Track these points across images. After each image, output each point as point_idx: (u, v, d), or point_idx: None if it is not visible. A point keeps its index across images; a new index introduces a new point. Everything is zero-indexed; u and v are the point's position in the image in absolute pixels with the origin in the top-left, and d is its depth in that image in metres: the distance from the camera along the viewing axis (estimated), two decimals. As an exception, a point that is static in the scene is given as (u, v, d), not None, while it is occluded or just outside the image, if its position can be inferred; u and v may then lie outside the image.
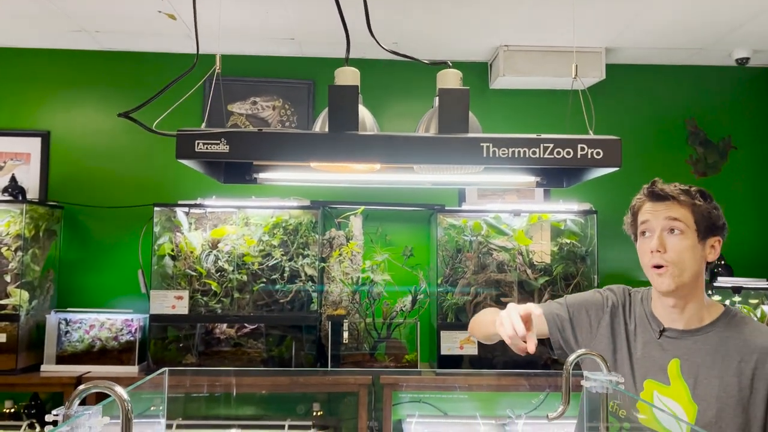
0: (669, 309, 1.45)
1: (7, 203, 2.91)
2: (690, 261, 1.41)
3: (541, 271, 2.98)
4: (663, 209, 1.45)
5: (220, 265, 2.92)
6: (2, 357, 2.77)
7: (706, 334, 1.41)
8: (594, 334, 1.51)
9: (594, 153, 1.04)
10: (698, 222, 1.43)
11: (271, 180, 1.28)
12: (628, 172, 3.27)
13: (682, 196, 1.45)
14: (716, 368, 1.35)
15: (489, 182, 1.32)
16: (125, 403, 0.92)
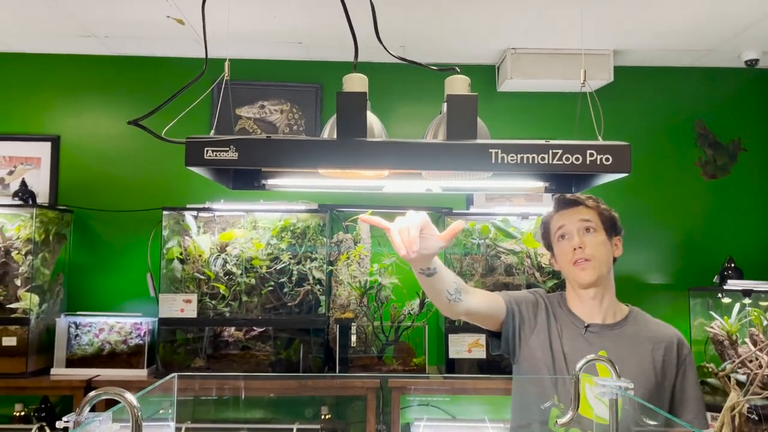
0: (590, 302, 1.61)
1: (17, 207, 2.93)
2: (604, 255, 1.62)
3: (549, 274, 2.97)
4: (575, 213, 1.63)
5: (228, 268, 2.93)
6: (13, 360, 2.79)
7: (622, 327, 1.61)
8: (533, 330, 1.61)
9: (603, 159, 1.03)
10: (604, 222, 1.66)
11: (280, 186, 1.28)
12: (637, 174, 3.26)
13: (589, 201, 1.67)
14: (635, 357, 1.54)
15: (497, 188, 1.32)
16: (135, 410, 0.92)
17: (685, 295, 3.13)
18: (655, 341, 1.58)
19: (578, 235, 1.60)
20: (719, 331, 2.89)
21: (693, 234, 3.29)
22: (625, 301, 3.22)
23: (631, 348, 1.55)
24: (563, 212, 1.65)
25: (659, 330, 1.62)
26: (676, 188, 3.31)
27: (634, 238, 3.27)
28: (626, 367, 1.48)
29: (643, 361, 1.54)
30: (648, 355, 1.55)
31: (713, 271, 3.11)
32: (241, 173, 1.25)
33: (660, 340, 1.59)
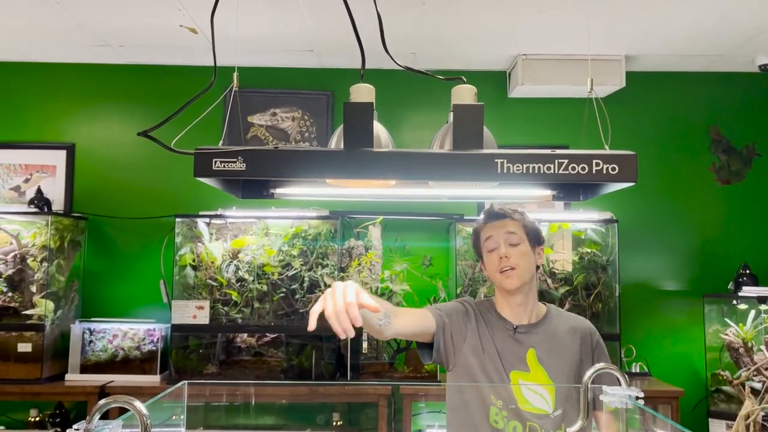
0: (516, 307, 1.76)
1: (33, 215, 2.97)
2: (527, 264, 1.75)
3: (561, 281, 2.96)
4: (502, 226, 1.78)
5: (240, 275, 2.94)
6: (28, 366, 2.82)
7: (544, 325, 1.77)
8: (464, 338, 1.74)
9: (609, 168, 1.03)
10: (528, 234, 1.79)
11: (288, 195, 1.29)
12: (650, 180, 3.27)
13: (515, 215, 1.82)
14: (558, 350, 1.73)
15: (504, 196, 1.32)
16: (144, 418, 0.93)
17: (699, 302, 3.10)
18: (572, 333, 1.77)
19: (504, 246, 1.74)
20: (734, 338, 2.87)
21: (707, 240, 3.26)
22: (640, 309, 3.21)
23: (553, 342, 1.74)
24: (492, 224, 1.80)
25: (574, 323, 1.80)
26: (689, 194, 3.28)
27: (647, 245, 3.26)
28: (553, 361, 1.71)
29: (565, 352, 1.73)
30: (568, 346, 1.74)
31: (728, 278, 3.08)
32: (250, 183, 1.26)
33: (575, 331, 1.77)
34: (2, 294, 2.87)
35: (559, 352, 1.72)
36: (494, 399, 1.67)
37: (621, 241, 2.97)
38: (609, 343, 2.92)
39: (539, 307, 1.82)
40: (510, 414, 1.66)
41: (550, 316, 1.80)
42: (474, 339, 1.73)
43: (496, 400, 1.67)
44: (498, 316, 1.78)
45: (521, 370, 1.70)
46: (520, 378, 1.69)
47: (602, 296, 2.95)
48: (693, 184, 3.29)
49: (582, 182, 1.01)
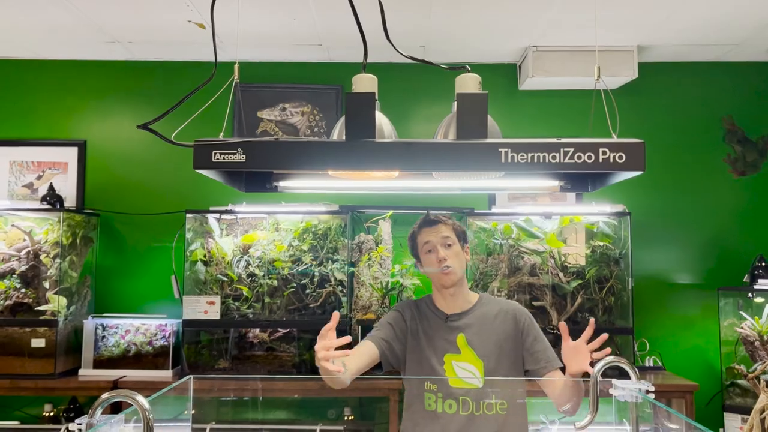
0: (449, 298, 2.03)
1: (45, 212, 2.99)
2: (460, 262, 2.02)
3: (573, 275, 2.93)
4: (437, 231, 2.01)
5: (251, 270, 2.95)
6: (41, 361, 2.84)
7: (473, 311, 2.02)
8: (405, 343, 2.00)
9: (616, 157, 1.01)
10: (458, 236, 2.04)
11: (291, 188, 1.28)
12: (663, 172, 3.23)
13: (447, 220, 2.04)
14: (486, 332, 1.97)
15: (510, 187, 1.31)
16: (146, 412, 0.93)
17: (714, 296, 3.06)
18: (500, 314, 2.01)
19: (442, 249, 1.99)
20: (750, 331, 2.83)
21: (722, 233, 3.22)
22: (653, 303, 3.17)
23: (482, 325, 1.98)
24: (428, 229, 2.02)
25: (502, 306, 2.04)
26: (704, 186, 3.24)
27: (660, 238, 3.22)
28: (481, 342, 1.96)
29: (492, 332, 1.97)
30: (495, 326, 1.98)
31: (743, 271, 3.03)
32: (253, 176, 1.25)
33: (506, 312, 2.01)
34: (15, 290, 2.90)
35: (487, 332, 1.97)
36: (428, 385, 1.93)
37: (634, 234, 2.93)
38: (622, 337, 2.91)
39: (471, 296, 2.07)
40: (445, 394, 1.90)
41: (480, 303, 2.05)
42: (412, 338, 2.00)
43: (430, 385, 1.93)
44: (434, 308, 2.05)
45: (453, 353, 1.96)
46: (453, 360, 1.95)
47: (615, 290, 2.92)
48: (707, 176, 3.25)
49: (588, 171, 0.99)
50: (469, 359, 1.95)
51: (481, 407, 1.89)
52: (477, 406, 1.89)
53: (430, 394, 1.93)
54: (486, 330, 1.98)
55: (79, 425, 0.92)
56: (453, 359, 1.95)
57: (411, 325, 2.02)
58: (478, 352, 1.95)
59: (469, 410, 1.88)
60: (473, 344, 1.95)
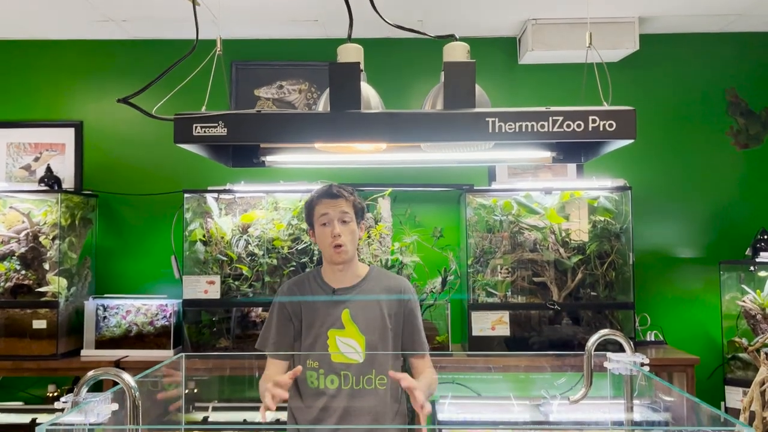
0: (338, 272, 2.00)
1: (43, 193, 2.98)
2: (354, 240, 1.98)
3: (574, 250, 2.92)
4: (337, 205, 1.95)
5: (250, 249, 2.94)
6: (43, 343, 2.86)
7: (361, 286, 2.01)
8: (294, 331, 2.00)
9: (606, 125, 0.98)
10: (356, 212, 2.00)
11: (279, 163, 1.26)
12: (665, 145, 3.19)
13: (349, 196, 1.99)
14: (371, 308, 1.98)
15: (501, 159, 1.28)
16: (132, 390, 0.92)
17: (715, 269, 3.04)
18: (386, 291, 2.02)
19: (338, 224, 1.94)
20: (751, 305, 2.81)
21: (724, 206, 3.19)
22: (654, 277, 3.16)
23: (367, 302, 1.98)
24: (327, 201, 1.96)
25: (390, 282, 2.05)
26: (706, 159, 3.21)
27: (662, 212, 3.20)
28: (364, 318, 1.96)
29: (376, 309, 1.98)
30: (381, 304, 1.99)
31: (745, 244, 3.01)
32: (240, 151, 1.23)
33: (390, 290, 2.02)
34: (16, 272, 2.90)
35: (371, 308, 1.98)
36: (310, 363, 1.95)
37: (635, 209, 2.91)
38: (623, 312, 2.90)
39: (360, 269, 2.05)
40: (326, 370, 1.92)
41: (369, 277, 2.04)
42: (297, 322, 2.00)
43: (311, 363, 1.94)
44: (321, 281, 2.03)
45: (338, 328, 1.96)
46: (336, 335, 1.95)
47: (616, 265, 2.91)
48: (709, 149, 3.21)
49: (578, 140, 0.97)
50: (352, 334, 1.96)
51: (361, 381, 1.92)
52: (357, 380, 1.92)
53: (312, 372, 1.95)
54: (371, 306, 1.99)
55: (65, 403, 0.92)
56: (337, 334, 1.96)
57: (292, 309, 2.02)
58: (361, 327, 1.96)
59: (349, 385, 1.91)
60: (357, 320, 1.96)
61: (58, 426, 0.85)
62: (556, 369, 2.75)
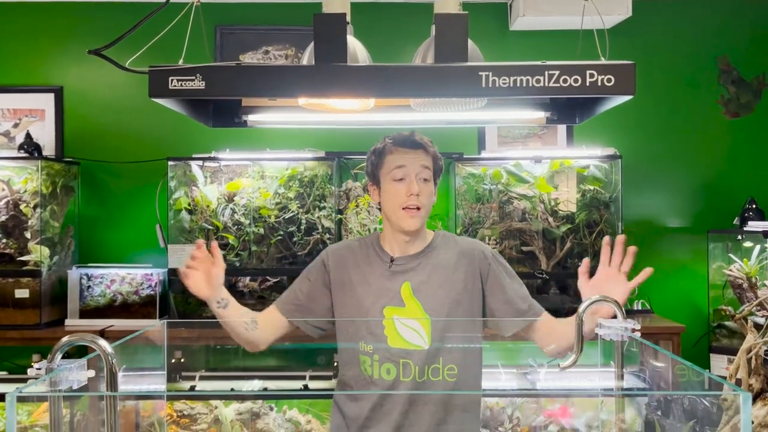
0: (404, 243, 1.64)
1: (23, 160, 2.91)
2: (431, 204, 1.64)
3: (563, 219, 2.90)
4: (417, 157, 1.59)
5: (236, 218, 2.90)
6: (26, 312, 2.82)
7: (426, 254, 1.64)
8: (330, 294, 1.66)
9: (605, 80, 0.95)
10: (435, 171, 1.64)
11: (261, 122, 1.21)
12: (656, 114, 3.17)
13: (431, 147, 1.63)
14: (437, 280, 1.60)
15: (494, 120, 1.25)
16: (109, 357, 0.90)
17: (703, 239, 3.05)
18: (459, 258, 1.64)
19: (417, 181, 1.58)
20: (738, 273, 2.82)
21: (713, 175, 3.19)
22: (643, 247, 3.14)
23: (433, 272, 1.62)
24: (406, 152, 1.59)
25: (464, 246, 1.67)
26: (696, 128, 3.19)
27: (651, 181, 3.18)
28: (430, 294, 1.59)
29: (446, 281, 1.61)
30: (450, 275, 1.62)
31: (734, 214, 3.01)
32: (220, 109, 1.18)
33: (463, 255, 1.65)
34: (-4, 240, 2.85)
35: (438, 282, 1.61)
36: (363, 346, 1.59)
37: (624, 178, 2.89)
38: (611, 281, 2.90)
39: (426, 235, 1.69)
40: (381, 357, 1.56)
41: (435, 244, 1.67)
42: (340, 291, 1.65)
43: (365, 346, 1.59)
44: (379, 249, 1.67)
45: (396, 306, 1.59)
46: (394, 314, 1.58)
47: (604, 234, 2.90)
48: (700, 118, 3.19)
49: (575, 95, 0.94)
50: (414, 313, 1.60)
51: (426, 372, 1.56)
52: (421, 371, 1.56)
53: (365, 357, 1.59)
54: (437, 278, 1.62)
55: (38, 369, 0.89)
56: (395, 312, 1.59)
57: (336, 275, 1.66)
58: (426, 305, 1.60)
59: (411, 376, 1.56)
60: (420, 295, 1.60)
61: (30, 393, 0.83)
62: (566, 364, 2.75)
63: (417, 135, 1.58)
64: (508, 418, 2.85)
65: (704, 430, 2.08)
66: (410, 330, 1.55)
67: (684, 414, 2.52)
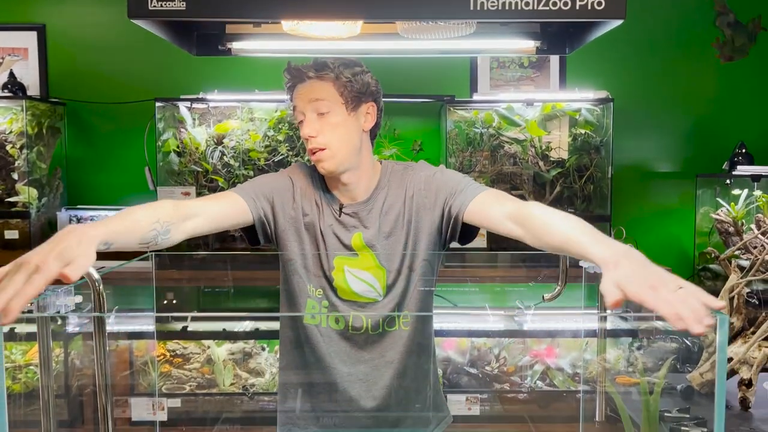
0: (342, 187, 1.42)
1: (7, 100, 2.86)
2: (345, 138, 1.35)
3: (554, 163, 2.90)
4: (306, 91, 1.35)
5: (225, 160, 2.88)
6: (16, 254, 2.75)
7: (375, 199, 1.42)
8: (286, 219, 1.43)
9: (594, 3, 0.93)
10: (344, 93, 1.34)
11: (245, 51, 1.19)
12: (650, 56, 3.13)
13: (327, 71, 1.33)
14: (388, 227, 1.41)
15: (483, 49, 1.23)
16: (96, 283, 0.90)
17: (692, 184, 3.06)
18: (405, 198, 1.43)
19: (310, 120, 1.34)
20: (725, 218, 2.84)
21: (705, 119, 3.18)
22: (632, 191, 3.18)
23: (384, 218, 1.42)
24: (299, 87, 1.36)
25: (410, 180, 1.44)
26: (689, 71, 3.16)
27: (643, 125, 3.18)
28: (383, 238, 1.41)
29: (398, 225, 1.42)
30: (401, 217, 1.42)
31: (725, 159, 3.02)
32: (204, 36, 1.16)
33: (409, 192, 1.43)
34: (-17, 181, 2.83)
35: (389, 229, 1.42)
36: (312, 290, 1.42)
37: (616, 122, 2.88)
38: (599, 225, 2.92)
39: (372, 174, 1.44)
40: (331, 306, 1.41)
41: (382, 185, 1.44)
42: (297, 221, 1.43)
43: (314, 290, 1.42)
44: (327, 192, 1.44)
45: (347, 256, 1.41)
46: (345, 264, 1.41)
47: (594, 178, 2.91)
48: (694, 61, 3.16)
49: (564, 19, 0.92)
50: (367, 266, 1.42)
51: (380, 325, 1.42)
52: (374, 324, 1.41)
53: (313, 302, 1.43)
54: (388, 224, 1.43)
55: (26, 293, 0.89)
56: (346, 263, 1.41)
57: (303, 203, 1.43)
58: (381, 255, 1.43)
59: (363, 329, 1.42)
60: (373, 245, 1.42)
61: (17, 315, 0.83)
62: (531, 280, 2.80)
63: (312, 64, 1.34)
64: (495, 357, 2.92)
65: (685, 369, 2.14)
66: (361, 282, 1.40)
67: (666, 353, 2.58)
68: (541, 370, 2.89)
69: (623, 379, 1.92)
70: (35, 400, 1.00)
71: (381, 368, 1.42)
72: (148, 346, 2.88)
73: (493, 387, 2.85)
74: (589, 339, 2.25)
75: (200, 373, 2.92)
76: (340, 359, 1.42)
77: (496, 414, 2.78)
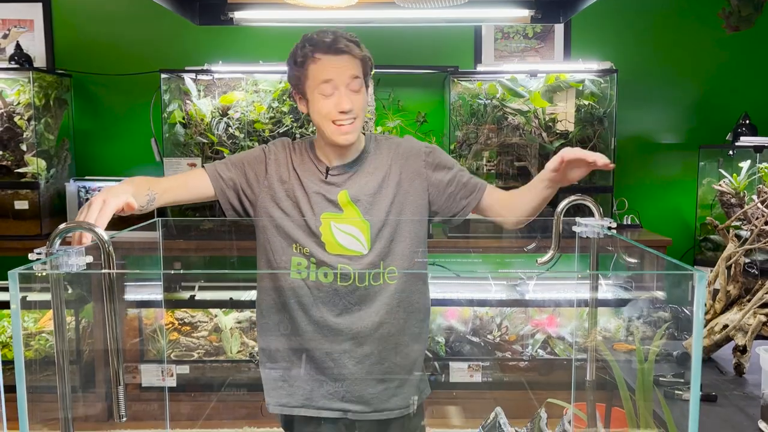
0: (338, 152, 1.52)
1: (14, 71, 2.88)
2: (363, 111, 1.48)
3: (557, 135, 2.91)
4: (344, 66, 1.42)
5: (231, 132, 2.90)
6: (26, 223, 2.87)
7: (362, 161, 1.53)
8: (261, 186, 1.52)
9: (585, -28, 0.95)
10: (365, 73, 1.47)
11: (248, 20, 1.21)
12: (655, 27, 3.12)
13: (357, 50, 1.43)
14: (374, 185, 1.51)
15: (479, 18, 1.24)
16: (105, 244, 0.94)
17: (695, 155, 3.07)
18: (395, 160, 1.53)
19: (347, 94, 1.42)
20: (727, 188, 2.86)
21: (709, 90, 3.17)
22: (635, 162, 3.18)
23: (370, 177, 1.52)
24: (331, 60, 1.41)
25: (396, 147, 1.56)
26: (694, 42, 3.14)
27: (647, 96, 3.17)
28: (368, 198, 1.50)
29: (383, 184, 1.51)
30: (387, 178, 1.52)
31: (728, 130, 3.02)
32: (207, 6, 1.17)
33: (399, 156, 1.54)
34: (-7, 152, 2.86)
35: (376, 186, 1.51)
36: (297, 246, 1.49)
37: (620, 93, 2.88)
38: (602, 196, 2.95)
39: (359, 142, 1.54)
40: (318, 262, 1.48)
41: (369, 149, 1.54)
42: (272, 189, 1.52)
43: (300, 247, 1.49)
44: (314, 156, 1.53)
45: (333, 212, 1.50)
46: (332, 221, 1.49)
47: (597, 149, 2.90)
48: (700, 32, 3.14)
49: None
50: (352, 220, 1.50)
51: (366, 278, 1.49)
52: (360, 276, 1.48)
53: (299, 259, 1.49)
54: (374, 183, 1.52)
55: (39, 254, 0.93)
56: (333, 219, 1.50)
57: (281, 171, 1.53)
58: (365, 210, 1.50)
59: (350, 281, 1.48)
60: (359, 202, 1.50)
61: (31, 271, 0.87)
62: (533, 251, 2.82)
63: (341, 38, 1.42)
64: (497, 326, 2.97)
65: (682, 336, 2.17)
66: (348, 236, 1.48)
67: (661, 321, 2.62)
68: (542, 339, 2.94)
69: (621, 346, 1.97)
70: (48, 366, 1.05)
71: (365, 319, 1.49)
72: (156, 314, 2.94)
73: (495, 355, 2.90)
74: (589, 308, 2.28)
75: (208, 341, 2.98)
76: (327, 309, 1.49)
77: (497, 381, 2.84)
